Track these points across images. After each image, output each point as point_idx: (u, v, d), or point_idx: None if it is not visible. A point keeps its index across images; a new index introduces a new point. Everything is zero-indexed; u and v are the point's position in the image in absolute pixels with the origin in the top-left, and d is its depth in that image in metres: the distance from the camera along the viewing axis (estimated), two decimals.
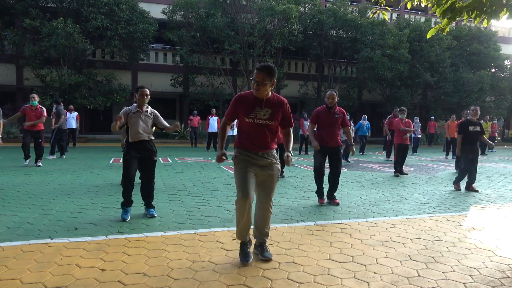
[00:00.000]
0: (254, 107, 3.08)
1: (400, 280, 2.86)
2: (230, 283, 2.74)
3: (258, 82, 2.98)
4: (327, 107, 5.42)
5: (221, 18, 18.56)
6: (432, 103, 23.74)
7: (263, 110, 3.08)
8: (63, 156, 10.62)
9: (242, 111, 3.11)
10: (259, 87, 2.99)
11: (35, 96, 8.66)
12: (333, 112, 5.41)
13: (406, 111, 9.04)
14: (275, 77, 3.03)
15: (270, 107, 3.10)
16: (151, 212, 4.56)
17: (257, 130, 3.10)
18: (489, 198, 6.23)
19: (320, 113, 5.45)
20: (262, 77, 2.96)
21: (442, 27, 3.82)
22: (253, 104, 3.08)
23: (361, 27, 21.17)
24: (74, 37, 16.21)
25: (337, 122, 5.43)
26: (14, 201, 5.12)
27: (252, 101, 3.09)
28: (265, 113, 3.09)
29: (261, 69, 2.97)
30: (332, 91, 5.40)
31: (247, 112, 3.09)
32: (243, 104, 3.12)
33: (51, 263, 3.01)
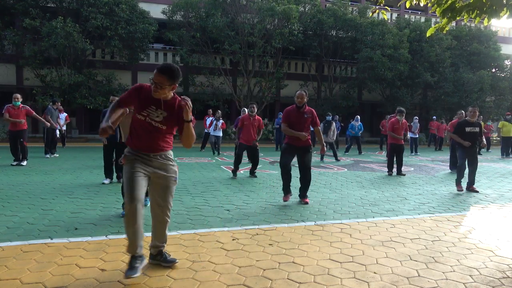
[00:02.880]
0: (150, 105, 2.81)
1: (400, 280, 2.86)
2: (230, 283, 2.74)
3: (157, 84, 2.71)
4: (296, 106, 5.39)
5: (221, 18, 18.56)
6: (432, 103, 23.74)
7: (158, 111, 2.81)
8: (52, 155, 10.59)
9: (137, 105, 2.84)
10: (157, 89, 2.72)
11: (18, 96, 8.70)
12: (303, 112, 5.39)
13: (404, 113, 8.98)
14: (176, 82, 2.76)
15: (167, 110, 2.82)
16: None
17: (148, 130, 2.83)
18: (489, 198, 6.23)
19: (290, 113, 5.42)
20: (161, 80, 2.70)
21: (441, 26, 3.82)
22: (150, 102, 2.80)
23: (361, 27, 21.18)
24: (73, 36, 16.21)
25: (307, 122, 5.42)
26: (14, 201, 5.12)
27: (150, 98, 2.80)
28: (159, 115, 2.82)
29: (161, 72, 2.69)
30: (302, 91, 5.39)
31: (140, 107, 2.82)
32: (140, 97, 2.83)
33: (51, 263, 3.01)
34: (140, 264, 2.80)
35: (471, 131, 6.65)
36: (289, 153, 5.46)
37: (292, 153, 5.47)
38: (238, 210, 4.92)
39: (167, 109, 2.83)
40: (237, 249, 3.44)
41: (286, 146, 5.47)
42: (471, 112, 6.76)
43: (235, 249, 3.44)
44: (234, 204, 5.30)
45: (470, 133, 6.65)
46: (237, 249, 3.45)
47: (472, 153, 6.70)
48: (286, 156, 5.46)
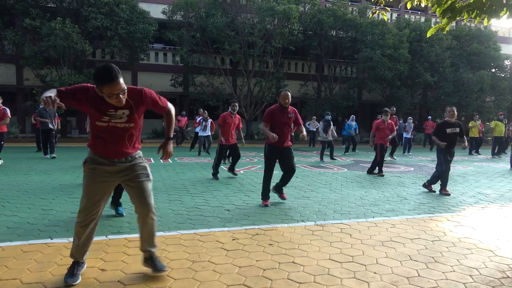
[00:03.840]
0: (108, 109, 2.50)
1: (400, 280, 2.86)
2: (230, 283, 2.74)
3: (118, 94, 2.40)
4: (281, 107, 5.26)
5: (221, 18, 18.56)
6: (432, 103, 23.74)
7: (118, 111, 2.53)
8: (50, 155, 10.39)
9: (90, 112, 2.53)
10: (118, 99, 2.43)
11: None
12: (286, 111, 5.29)
13: (389, 113, 8.94)
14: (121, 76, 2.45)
15: (127, 107, 2.54)
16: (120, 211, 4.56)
17: (113, 134, 2.58)
18: (489, 198, 6.23)
19: (274, 113, 5.27)
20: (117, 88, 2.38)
21: (441, 26, 3.82)
22: (106, 105, 2.49)
23: (361, 27, 21.19)
24: (72, 37, 16.21)
25: (290, 121, 5.33)
26: (14, 201, 5.12)
27: (104, 101, 2.47)
28: (122, 115, 2.55)
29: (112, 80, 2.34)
30: (287, 91, 5.25)
31: (98, 114, 2.51)
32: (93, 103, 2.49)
33: (51, 263, 3.01)
34: (80, 270, 2.76)
35: (452, 132, 6.42)
36: (274, 156, 5.32)
37: (276, 155, 5.33)
38: (238, 210, 4.92)
39: (127, 106, 2.54)
40: (237, 249, 3.44)
41: (270, 148, 5.28)
42: (449, 112, 6.45)
43: (235, 249, 3.44)
44: (234, 204, 5.30)
45: (451, 134, 6.41)
46: (237, 249, 3.45)
47: (451, 155, 6.53)
48: (272, 159, 5.33)
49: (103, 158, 2.64)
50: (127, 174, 2.70)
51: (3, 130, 8.62)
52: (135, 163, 2.72)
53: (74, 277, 2.67)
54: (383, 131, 8.71)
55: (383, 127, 8.72)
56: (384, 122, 8.74)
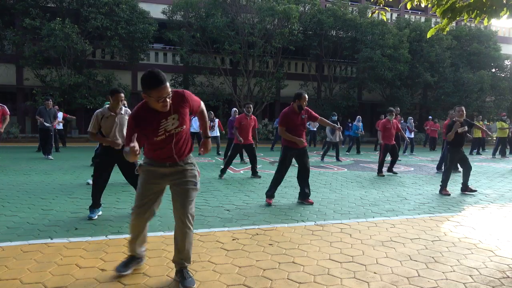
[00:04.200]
0: (159, 122, 2.59)
1: (400, 280, 2.86)
2: (230, 283, 2.74)
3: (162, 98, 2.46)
4: (298, 109, 5.32)
5: (221, 18, 18.56)
6: (432, 103, 23.74)
7: (169, 119, 2.61)
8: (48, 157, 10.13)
9: (148, 132, 2.60)
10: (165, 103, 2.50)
11: None
12: (300, 113, 5.36)
13: (394, 112, 9.00)
14: None
15: (175, 112, 2.61)
16: None
17: (171, 141, 2.66)
18: (489, 198, 6.23)
19: (289, 116, 5.34)
20: (164, 92, 2.45)
21: (442, 26, 3.83)
22: (156, 119, 2.58)
23: (361, 27, 21.18)
24: (72, 38, 16.21)
25: (304, 122, 5.42)
26: (14, 201, 5.12)
27: (153, 117, 2.57)
28: (173, 121, 2.62)
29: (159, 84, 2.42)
30: (305, 93, 5.33)
31: (154, 131, 2.59)
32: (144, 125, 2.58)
33: (51, 263, 3.01)
34: (134, 265, 2.89)
35: (462, 131, 6.50)
36: (291, 157, 5.44)
37: (293, 156, 5.45)
38: (238, 210, 4.92)
39: (174, 111, 2.62)
40: (237, 249, 3.45)
41: (287, 149, 5.39)
42: (459, 111, 6.55)
43: (235, 249, 3.44)
44: (234, 204, 5.30)
45: (462, 133, 6.50)
46: (237, 249, 3.45)
47: (462, 154, 6.58)
48: (289, 161, 5.45)
49: (156, 162, 2.74)
50: (177, 178, 2.75)
51: None
52: (186, 169, 2.77)
53: (125, 267, 2.82)
54: (389, 130, 8.76)
55: (389, 127, 8.78)
56: (389, 122, 8.79)
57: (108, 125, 4.29)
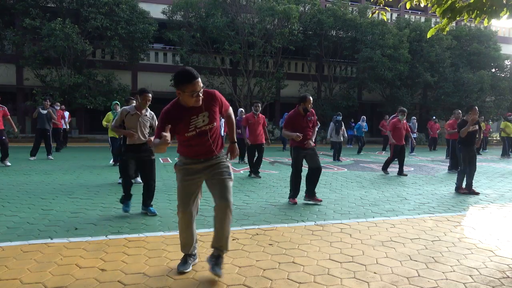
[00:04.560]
0: (190, 118, 2.72)
1: (400, 280, 2.86)
2: (230, 283, 2.74)
3: (196, 92, 2.60)
4: (303, 111, 5.40)
5: (221, 18, 18.56)
6: (432, 103, 23.74)
7: (200, 116, 2.74)
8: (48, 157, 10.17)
9: (178, 128, 2.73)
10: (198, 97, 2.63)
11: None
12: (306, 115, 5.44)
13: (406, 112, 9.01)
14: None
15: (206, 109, 2.75)
16: (152, 210, 4.61)
17: (202, 137, 2.79)
18: (489, 198, 6.23)
19: (295, 119, 5.43)
20: (197, 86, 2.59)
21: (442, 26, 3.83)
22: (187, 115, 2.72)
23: (361, 27, 21.18)
24: (72, 38, 16.21)
25: (309, 124, 5.47)
26: (14, 201, 5.12)
27: (184, 113, 2.71)
28: (204, 118, 2.75)
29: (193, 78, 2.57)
30: (310, 96, 5.42)
31: (185, 127, 2.73)
32: (176, 121, 2.70)
33: (51, 263, 3.01)
34: (192, 261, 2.99)
35: (473, 130, 6.65)
36: (300, 156, 5.51)
37: (303, 156, 5.51)
38: (238, 210, 4.92)
39: (205, 108, 2.75)
40: (237, 249, 3.45)
41: (296, 150, 5.48)
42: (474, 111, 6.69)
43: (235, 249, 3.44)
44: (234, 204, 5.27)
45: (473, 132, 6.64)
46: (237, 249, 3.45)
47: (473, 153, 6.66)
48: (299, 160, 5.52)
49: (190, 158, 2.88)
50: (212, 171, 2.89)
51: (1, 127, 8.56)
52: (219, 162, 2.92)
53: (185, 265, 2.92)
54: (399, 130, 8.77)
55: (399, 127, 8.79)
56: (400, 122, 8.81)
57: (131, 122, 4.54)
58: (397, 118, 8.90)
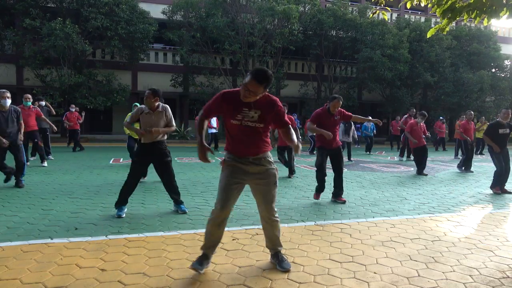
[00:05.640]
0: (242, 108, 2.74)
1: (400, 280, 2.86)
2: (230, 283, 2.74)
3: (251, 91, 2.63)
4: (329, 112, 5.47)
5: (221, 18, 18.56)
6: (432, 103, 23.74)
7: (251, 111, 2.75)
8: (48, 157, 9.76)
9: (227, 112, 2.79)
10: (250, 95, 2.66)
11: (28, 96, 8.57)
12: (333, 115, 5.51)
13: (426, 117, 9.17)
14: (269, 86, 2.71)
15: (259, 108, 2.76)
16: (182, 208, 4.69)
17: (246, 133, 2.78)
18: (489, 198, 6.23)
19: (321, 116, 5.50)
20: (257, 89, 2.62)
21: (442, 27, 3.83)
22: (241, 104, 2.74)
23: (361, 27, 21.18)
24: (72, 38, 16.21)
25: (336, 123, 5.56)
26: (14, 201, 5.12)
27: (239, 101, 2.73)
28: (254, 115, 2.75)
29: (259, 81, 2.59)
30: (340, 100, 5.43)
31: (233, 113, 2.76)
32: (229, 103, 2.77)
33: (51, 263, 3.01)
34: (207, 263, 2.93)
35: (504, 133, 6.70)
36: (323, 155, 5.61)
37: (326, 155, 5.60)
38: (238, 210, 4.92)
39: (259, 107, 2.76)
40: (237, 249, 3.45)
41: (320, 149, 5.60)
42: (505, 114, 6.82)
43: (235, 249, 3.44)
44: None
45: (503, 134, 6.70)
46: (237, 249, 3.45)
47: (505, 154, 6.72)
48: (322, 158, 5.62)
49: (237, 157, 2.86)
50: (259, 178, 2.88)
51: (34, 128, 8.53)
52: (267, 168, 2.89)
53: (201, 265, 2.86)
54: (415, 132, 8.90)
55: (416, 128, 8.93)
56: (417, 124, 8.97)
57: (145, 121, 4.58)
58: (416, 120, 9.10)
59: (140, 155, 4.63)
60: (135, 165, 4.62)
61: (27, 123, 8.33)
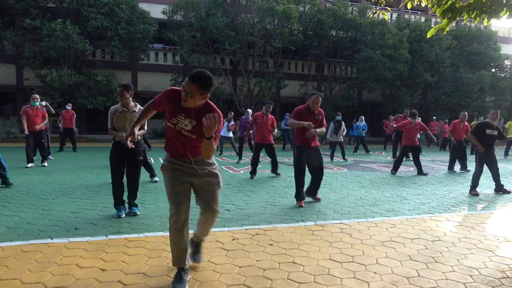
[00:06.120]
0: (180, 113, 2.61)
1: (400, 280, 2.86)
2: (230, 283, 2.74)
3: (187, 93, 2.48)
4: (309, 108, 5.35)
5: (221, 18, 18.56)
6: (432, 103, 23.74)
7: (187, 120, 2.61)
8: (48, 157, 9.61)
9: (167, 111, 2.67)
10: (187, 98, 2.49)
11: (36, 96, 8.55)
12: (314, 113, 5.37)
13: (417, 115, 9.16)
14: (209, 91, 2.53)
15: (197, 120, 2.57)
16: (134, 210, 4.57)
17: (178, 138, 2.66)
18: (489, 198, 6.23)
19: (302, 112, 5.35)
20: (192, 89, 2.46)
21: (442, 26, 3.83)
22: (180, 109, 2.60)
23: (361, 27, 21.17)
24: (73, 38, 16.21)
25: (316, 123, 5.37)
26: (14, 201, 5.12)
27: (179, 104, 2.57)
28: (188, 124, 2.62)
29: (193, 81, 2.45)
30: (319, 96, 5.31)
31: (170, 115, 2.64)
32: (171, 103, 2.64)
33: (51, 263, 3.02)
34: (187, 277, 2.74)
35: (491, 134, 6.60)
36: (303, 155, 5.43)
37: (305, 155, 5.44)
38: (238, 210, 4.92)
39: (197, 118, 2.58)
40: (237, 249, 3.45)
41: (299, 149, 5.41)
42: (493, 114, 6.70)
43: (235, 249, 3.44)
44: (234, 204, 5.30)
45: (490, 135, 6.60)
46: (237, 249, 3.45)
47: (490, 156, 6.63)
48: (300, 158, 5.43)
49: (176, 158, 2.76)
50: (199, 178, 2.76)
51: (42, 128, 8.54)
52: (207, 169, 2.78)
53: (182, 283, 2.66)
54: (409, 131, 8.90)
55: (409, 127, 8.92)
56: (411, 123, 8.96)
57: (120, 121, 4.46)
58: (409, 120, 9.08)
59: (115, 154, 4.54)
60: (112, 164, 4.55)
61: (35, 123, 8.34)
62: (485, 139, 6.58)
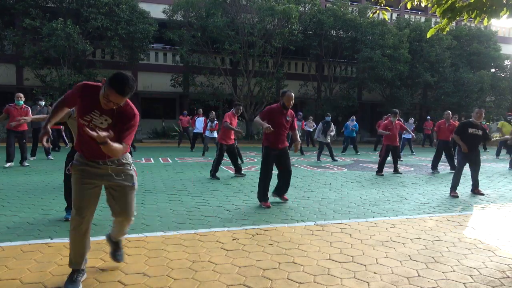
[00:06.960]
0: (94, 109, 2.45)
1: (400, 280, 2.86)
2: (230, 283, 2.74)
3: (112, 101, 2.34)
4: (283, 107, 5.19)
5: (221, 18, 18.56)
6: (432, 103, 23.73)
7: (102, 117, 2.46)
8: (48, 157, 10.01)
9: (79, 108, 2.49)
10: (106, 101, 2.35)
11: (21, 95, 8.61)
12: (285, 114, 5.25)
13: (398, 114, 9.14)
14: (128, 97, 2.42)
15: (113, 117, 2.47)
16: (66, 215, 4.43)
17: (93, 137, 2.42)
18: (489, 198, 6.22)
19: (274, 112, 5.18)
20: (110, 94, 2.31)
21: (442, 26, 3.83)
22: (95, 105, 2.44)
23: (361, 27, 21.18)
24: (73, 37, 16.22)
25: (287, 124, 5.27)
26: (14, 201, 5.12)
27: (95, 100, 2.42)
28: (103, 122, 2.47)
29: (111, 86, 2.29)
30: (291, 93, 5.18)
31: (83, 111, 2.47)
32: (84, 100, 2.47)
33: (51, 263, 3.02)
34: (81, 278, 2.67)
35: (474, 133, 6.26)
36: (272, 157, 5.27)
37: (274, 157, 5.28)
38: (238, 210, 4.92)
39: (113, 116, 2.46)
40: (237, 249, 3.45)
41: (267, 150, 5.23)
42: (477, 113, 6.36)
43: (235, 249, 3.44)
44: (234, 204, 5.30)
45: (472, 134, 6.26)
46: (237, 249, 3.45)
47: (473, 156, 6.31)
48: (270, 161, 5.28)
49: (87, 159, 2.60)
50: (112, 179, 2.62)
51: (23, 128, 8.55)
52: (122, 170, 2.65)
53: (75, 283, 2.59)
54: (391, 131, 8.85)
55: (391, 127, 8.87)
56: (392, 123, 8.91)
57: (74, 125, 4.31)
58: (389, 119, 9.07)
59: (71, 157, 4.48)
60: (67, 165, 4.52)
61: None
62: (467, 138, 6.24)
